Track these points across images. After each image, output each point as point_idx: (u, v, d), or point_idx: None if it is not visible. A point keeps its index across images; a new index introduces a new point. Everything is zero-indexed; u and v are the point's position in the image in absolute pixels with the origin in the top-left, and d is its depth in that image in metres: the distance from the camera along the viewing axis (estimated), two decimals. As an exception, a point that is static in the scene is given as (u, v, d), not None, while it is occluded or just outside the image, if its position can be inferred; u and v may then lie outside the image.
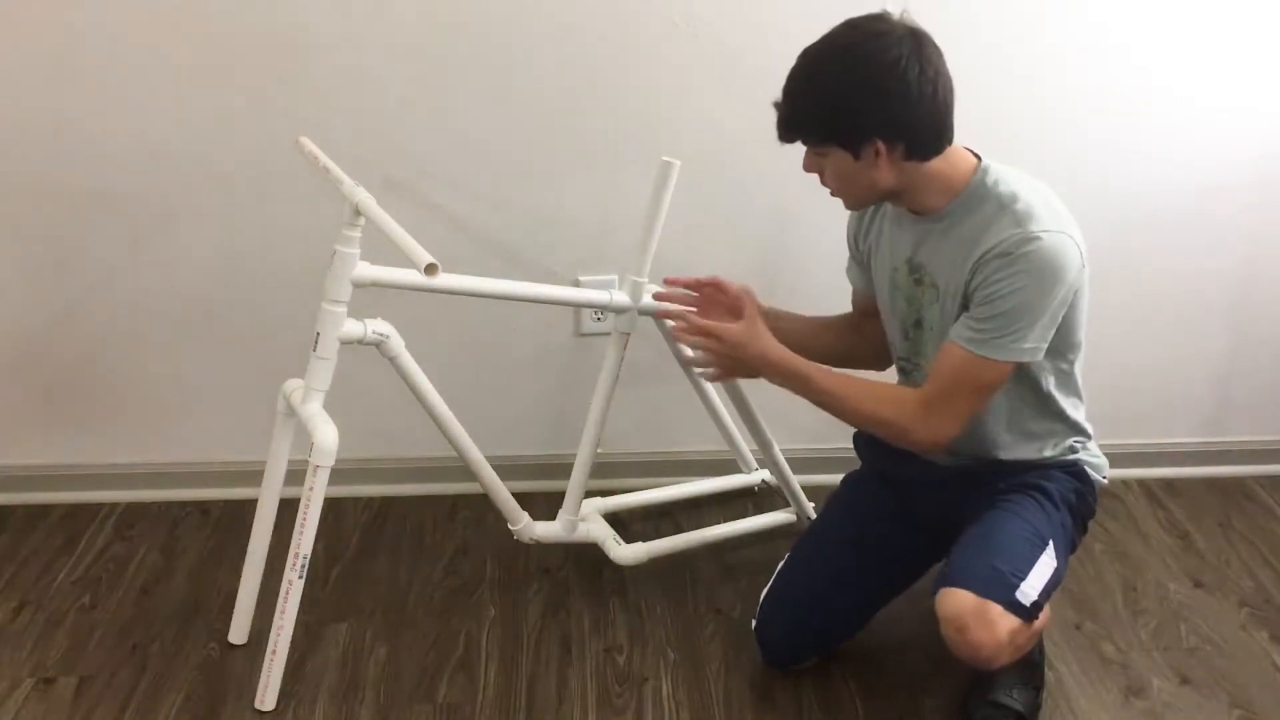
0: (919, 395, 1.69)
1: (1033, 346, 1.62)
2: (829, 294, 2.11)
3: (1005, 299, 1.59)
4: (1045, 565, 1.68)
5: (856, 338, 1.95)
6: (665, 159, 1.87)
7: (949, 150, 1.63)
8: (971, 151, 1.67)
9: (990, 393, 1.66)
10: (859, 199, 1.70)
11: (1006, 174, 1.65)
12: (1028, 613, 1.63)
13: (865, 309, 1.94)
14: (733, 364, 1.80)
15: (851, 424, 1.80)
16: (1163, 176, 2.23)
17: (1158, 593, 2.12)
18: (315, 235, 1.92)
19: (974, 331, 1.62)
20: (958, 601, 1.61)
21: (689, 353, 2.12)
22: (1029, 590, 1.64)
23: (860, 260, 1.90)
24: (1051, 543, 1.70)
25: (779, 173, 2.16)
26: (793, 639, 1.88)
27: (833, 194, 1.69)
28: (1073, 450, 1.81)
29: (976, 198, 1.64)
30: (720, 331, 1.74)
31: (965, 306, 1.66)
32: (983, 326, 1.61)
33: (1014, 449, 1.78)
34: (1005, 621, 1.60)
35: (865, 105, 1.56)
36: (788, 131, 1.62)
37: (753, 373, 1.79)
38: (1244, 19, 2.13)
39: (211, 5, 2.01)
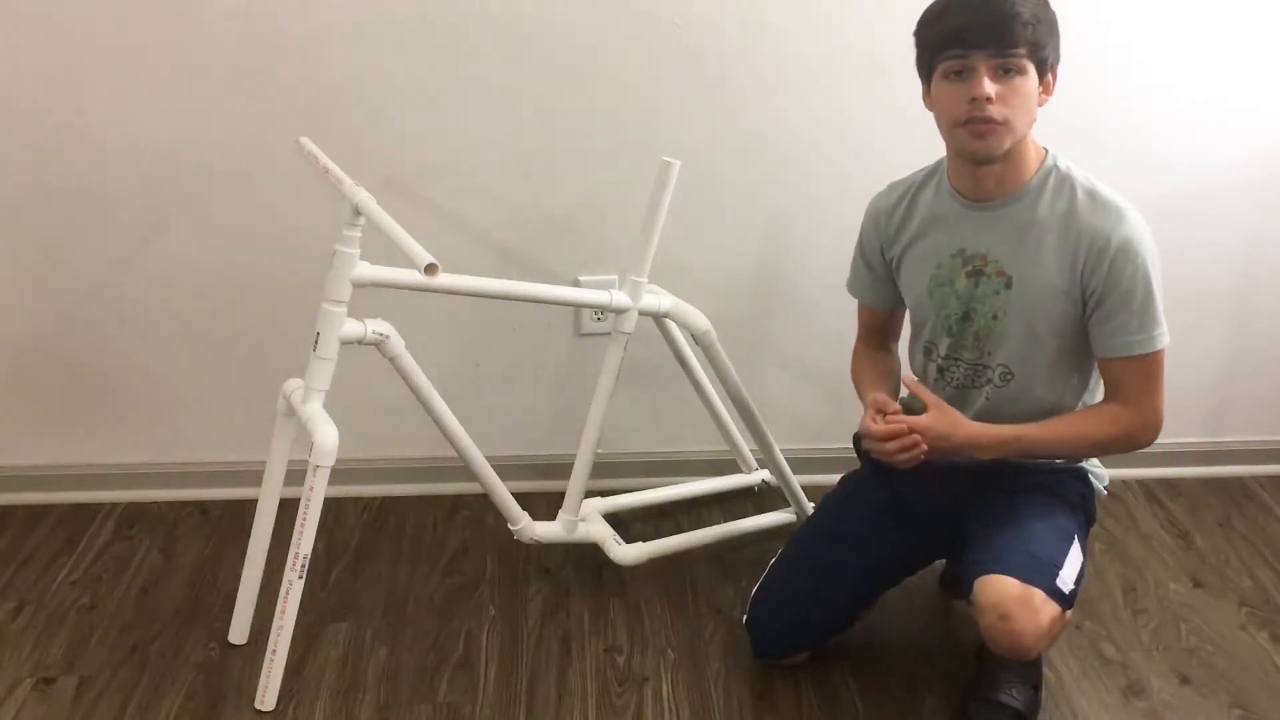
0: (1122, 406, 1.69)
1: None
2: (829, 293, 2.11)
3: (1138, 286, 1.61)
4: (1075, 556, 1.69)
5: (896, 360, 1.95)
6: (665, 159, 1.87)
7: None
8: None
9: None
10: (1019, 132, 1.60)
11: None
12: (1067, 600, 1.63)
13: (880, 327, 1.94)
14: (937, 453, 1.68)
15: (1081, 457, 1.80)
16: (1163, 177, 2.23)
17: (1158, 593, 2.12)
18: (315, 235, 1.92)
19: (1131, 335, 1.64)
20: (1001, 588, 1.60)
21: (689, 353, 2.13)
22: (1067, 578, 1.64)
23: (885, 269, 1.85)
24: (1076, 536, 1.72)
25: (779, 172, 2.18)
26: (781, 631, 1.88)
27: (999, 123, 1.56)
28: (1078, 459, 1.83)
29: (1055, 181, 1.66)
30: (919, 428, 1.65)
31: (1081, 303, 1.66)
32: (1136, 325, 1.63)
33: None
34: (1048, 609, 1.60)
35: (1057, 30, 1.60)
36: (1018, 28, 1.52)
37: (957, 455, 1.70)
38: (1245, 19, 2.13)
39: (211, 6, 2.01)
